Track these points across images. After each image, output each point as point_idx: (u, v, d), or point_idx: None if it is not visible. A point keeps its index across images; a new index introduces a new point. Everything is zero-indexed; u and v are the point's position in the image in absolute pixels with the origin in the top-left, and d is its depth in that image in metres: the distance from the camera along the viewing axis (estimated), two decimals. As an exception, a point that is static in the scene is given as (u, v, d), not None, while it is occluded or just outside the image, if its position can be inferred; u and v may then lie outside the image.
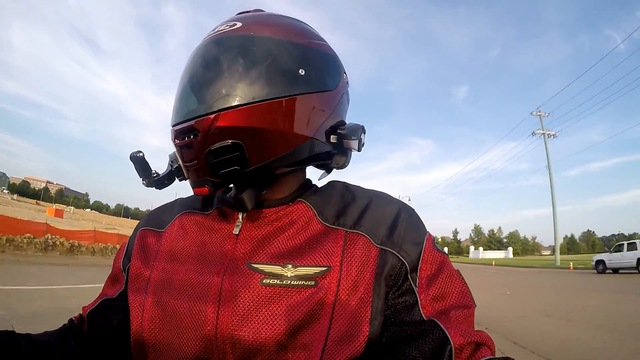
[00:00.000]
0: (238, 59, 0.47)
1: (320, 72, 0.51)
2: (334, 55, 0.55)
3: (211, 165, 0.45)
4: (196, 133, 0.45)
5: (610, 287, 10.95)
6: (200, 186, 0.48)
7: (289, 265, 0.46)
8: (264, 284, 0.45)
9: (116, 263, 0.59)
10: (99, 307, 0.56)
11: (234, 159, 0.45)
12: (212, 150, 0.44)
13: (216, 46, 0.49)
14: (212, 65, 0.47)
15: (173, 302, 0.47)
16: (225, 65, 0.47)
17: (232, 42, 0.48)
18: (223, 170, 0.45)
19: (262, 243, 0.49)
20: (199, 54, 0.50)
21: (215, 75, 0.46)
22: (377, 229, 0.48)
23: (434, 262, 0.48)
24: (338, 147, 0.55)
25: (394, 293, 0.46)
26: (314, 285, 0.44)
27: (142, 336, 0.49)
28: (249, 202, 0.48)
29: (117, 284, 0.57)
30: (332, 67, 0.54)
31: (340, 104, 0.55)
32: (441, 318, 0.44)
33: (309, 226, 0.50)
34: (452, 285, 0.47)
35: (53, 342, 0.50)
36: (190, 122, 0.45)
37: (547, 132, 28.63)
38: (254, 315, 0.43)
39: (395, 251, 0.47)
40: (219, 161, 0.45)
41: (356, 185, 0.56)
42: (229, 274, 0.46)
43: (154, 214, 0.62)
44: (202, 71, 0.48)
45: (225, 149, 0.44)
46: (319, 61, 0.52)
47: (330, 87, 0.52)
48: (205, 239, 0.52)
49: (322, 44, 0.54)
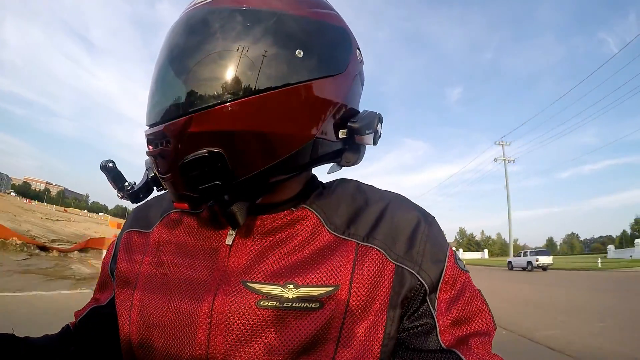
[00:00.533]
0: (214, 42, 0.37)
1: (324, 52, 0.41)
2: (342, 27, 0.45)
3: (187, 179, 0.37)
4: (168, 140, 0.37)
5: (504, 276, 17.73)
6: (179, 200, 0.41)
7: (290, 285, 0.39)
8: (261, 307, 0.39)
9: (104, 267, 0.55)
10: (90, 314, 0.54)
11: (214, 172, 0.36)
12: (186, 163, 0.36)
13: (187, 27, 0.39)
14: (182, 53, 0.38)
15: (161, 318, 0.43)
16: (198, 51, 0.37)
17: (207, 21, 0.38)
18: (202, 186, 0.37)
19: (260, 258, 0.42)
20: (169, 35, 0.41)
21: (187, 65, 0.37)
22: (394, 242, 0.42)
23: (456, 283, 0.43)
24: (349, 143, 0.46)
25: (410, 316, 0.42)
26: (318, 307, 0.39)
27: (131, 350, 0.45)
28: (241, 216, 0.40)
29: (106, 289, 0.54)
30: (340, 44, 0.43)
31: (352, 90, 0.45)
32: (461, 348, 0.40)
33: (316, 238, 0.43)
34: (473, 309, 0.43)
35: (52, 345, 0.49)
36: (160, 127, 0.37)
37: (507, 159, 37.21)
38: (250, 340, 0.38)
39: (415, 271, 0.41)
40: (195, 175, 0.37)
41: (370, 186, 0.49)
42: (222, 293, 0.40)
43: (141, 211, 0.55)
44: (172, 61, 0.39)
45: (202, 160, 0.36)
46: (323, 37, 0.41)
47: (338, 70, 0.42)
48: (194, 245, 0.46)
49: (327, 13, 0.43)
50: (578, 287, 11.49)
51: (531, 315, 6.22)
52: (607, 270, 20.50)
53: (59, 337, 0.53)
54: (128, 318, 0.46)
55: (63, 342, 0.52)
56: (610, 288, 10.79)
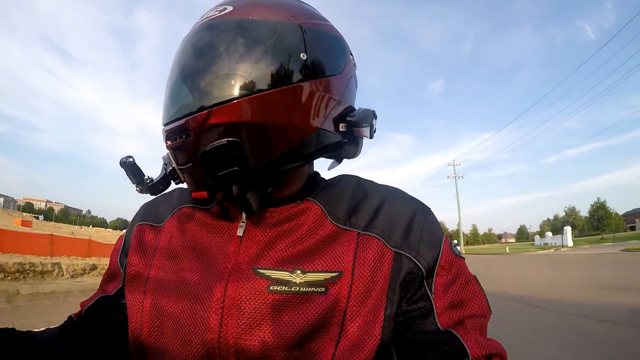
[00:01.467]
0: (230, 46, 0.42)
1: (324, 56, 0.46)
2: (338, 36, 0.51)
3: (207, 167, 0.42)
4: (188, 133, 0.41)
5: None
6: (198, 189, 0.44)
7: (297, 271, 0.43)
8: (271, 291, 0.42)
9: (113, 258, 0.56)
10: (97, 304, 0.54)
11: (232, 159, 0.41)
12: (207, 152, 0.40)
13: (205, 34, 0.44)
14: (202, 56, 0.43)
15: (173, 306, 0.45)
16: (217, 54, 0.42)
17: (223, 29, 0.44)
18: (221, 173, 0.41)
19: (269, 246, 0.46)
20: (187, 43, 0.46)
21: (206, 66, 0.42)
22: (392, 231, 0.46)
23: (451, 268, 0.46)
24: (348, 136, 0.51)
25: (409, 300, 0.44)
26: (324, 291, 0.42)
27: (141, 339, 0.47)
28: (254, 202, 0.45)
29: (114, 280, 0.55)
30: (337, 49, 0.49)
31: (347, 88, 0.51)
32: (457, 328, 0.42)
33: (320, 228, 0.46)
34: (468, 292, 0.45)
35: (53, 339, 0.49)
36: (181, 121, 0.42)
37: (458, 175, 45.44)
38: (260, 323, 0.41)
39: (412, 256, 0.44)
40: (215, 163, 0.41)
41: (369, 181, 0.53)
42: (233, 280, 0.43)
43: (151, 206, 0.58)
44: (191, 63, 0.44)
45: (222, 149, 0.40)
46: (322, 43, 0.47)
47: (336, 71, 0.48)
48: (206, 239, 0.49)
49: (325, 23, 0.50)
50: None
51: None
52: (511, 255, 29.54)
53: (60, 330, 0.53)
54: (140, 307, 0.48)
55: (65, 334, 0.52)
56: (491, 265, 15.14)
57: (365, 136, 0.51)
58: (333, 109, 0.48)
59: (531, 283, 10.00)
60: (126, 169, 0.48)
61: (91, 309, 0.54)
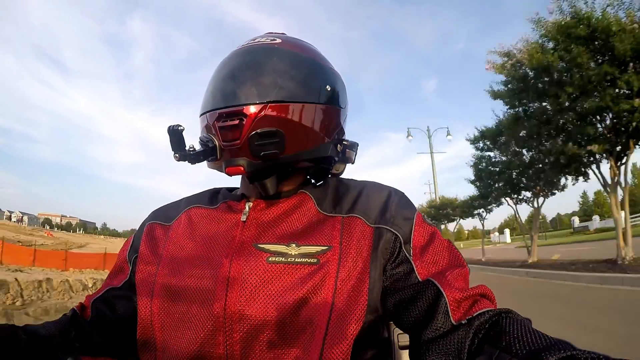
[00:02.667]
0: (286, 65, 0.54)
1: (338, 91, 0.60)
2: (343, 82, 0.64)
3: (254, 146, 0.50)
4: (242, 117, 0.50)
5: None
6: (235, 165, 0.51)
7: (292, 245, 0.49)
8: (270, 262, 0.48)
9: (121, 254, 0.61)
10: (104, 296, 0.57)
11: (274, 144, 0.50)
12: (259, 133, 0.49)
13: (266, 52, 0.56)
14: (263, 66, 0.54)
15: (182, 284, 0.50)
16: (276, 68, 0.54)
17: (279, 53, 0.56)
18: (264, 152, 0.50)
19: (268, 227, 0.53)
20: (248, 54, 0.56)
21: (266, 73, 0.53)
22: (370, 212, 0.53)
23: (426, 234, 0.52)
24: (341, 156, 0.61)
25: (391, 264, 0.50)
26: (316, 262, 0.48)
27: (150, 318, 0.50)
28: (271, 187, 0.55)
29: (121, 274, 0.59)
30: (344, 90, 0.63)
31: (345, 121, 0.63)
32: (436, 277, 0.47)
33: (309, 213, 0.54)
34: (444, 251, 0.51)
35: (53, 333, 0.50)
36: (240, 107, 0.50)
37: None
38: (261, 291, 0.46)
39: (389, 226, 0.52)
40: (262, 143, 0.49)
41: (349, 178, 0.63)
42: (237, 256, 0.49)
43: (160, 210, 0.64)
44: (253, 68, 0.54)
45: (269, 133, 0.49)
46: (337, 83, 0.60)
47: (343, 105, 0.61)
48: (213, 228, 0.56)
49: (337, 71, 0.63)
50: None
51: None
52: (463, 249, 34.24)
53: (61, 323, 0.54)
54: (151, 289, 0.52)
55: (65, 327, 0.53)
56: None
57: (350, 159, 0.63)
58: (337, 131, 0.60)
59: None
60: (173, 135, 0.51)
61: (98, 301, 0.57)
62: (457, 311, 0.44)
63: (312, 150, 0.55)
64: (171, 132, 0.51)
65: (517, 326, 0.39)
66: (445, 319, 0.43)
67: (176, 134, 0.51)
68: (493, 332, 0.40)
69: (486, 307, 0.43)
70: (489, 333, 0.41)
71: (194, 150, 0.52)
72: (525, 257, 12.73)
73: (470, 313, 0.43)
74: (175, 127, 0.51)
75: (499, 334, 0.39)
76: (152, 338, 0.50)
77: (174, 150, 0.52)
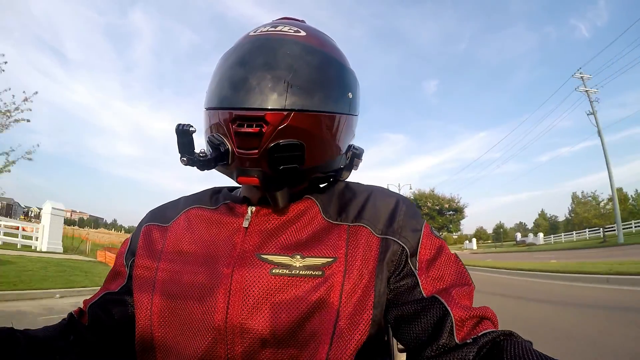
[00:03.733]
0: (314, 67, 0.49)
1: (357, 98, 0.56)
2: (358, 83, 0.59)
3: (273, 158, 0.45)
4: (263, 124, 0.45)
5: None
6: (250, 176, 0.48)
7: (297, 256, 0.47)
8: (274, 274, 0.45)
9: (119, 259, 0.59)
10: (101, 301, 0.55)
11: (295, 158, 0.46)
12: (280, 145, 0.45)
13: (295, 48, 0.49)
14: (291, 64, 0.48)
15: (182, 294, 0.48)
16: (303, 68, 0.48)
17: (308, 51, 0.50)
18: (284, 166, 0.46)
19: (271, 235, 0.50)
20: (272, 46, 0.49)
21: (294, 76, 0.47)
22: (377, 221, 0.51)
23: (433, 247, 0.50)
24: (348, 163, 0.58)
25: (396, 277, 0.48)
26: (321, 275, 0.46)
27: (150, 329, 0.49)
28: (282, 200, 0.50)
29: (118, 278, 0.57)
30: (359, 94, 0.58)
31: (356, 126, 0.60)
32: (442, 294, 0.46)
33: (314, 221, 0.52)
34: (450, 267, 0.49)
35: (52, 337, 0.49)
36: (262, 113, 0.45)
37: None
38: (264, 304, 0.44)
39: (396, 238, 0.49)
40: (282, 156, 0.45)
41: (356, 182, 0.60)
42: (239, 266, 0.47)
43: (158, 210, 0.62)
44: (280, 67, 0.47)
45: (292, 146, 0.45)
46: (357, 88, 0.57)
47: (358, 112, 0.57)
48: (213, 233, 0.53)
49: (353, 70, 0.58)
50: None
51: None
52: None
53: (59, 328, 0.53)
54: (149, 298, 0.50)
55: (63, 332, 0.52)
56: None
57: (357, 166, 0.60)
58: (350, 140, 0.58)
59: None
60: (182, 137, 0.47)
61: (94, 306, 0.55)
62: (461, 330, 0.43)
63: (329, 163, 0.53)
64: (180, 133, 0.47)
65: (518, 348, 0.38)
66: (449, 337, 0.43)
67: (186, 135, 0.47)
68: (494, 353, 0.40)
69: (489, 328, 0.43)
70: (491, 353, 0.40)
71: (205, 155, 0.48)
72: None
73: (474, 333, 0.43)
74: (185, 127, 0.47)
75: (500, 354, 0.39)
76: (151, 347, 0.49)
77: (181, 152, 0.48)
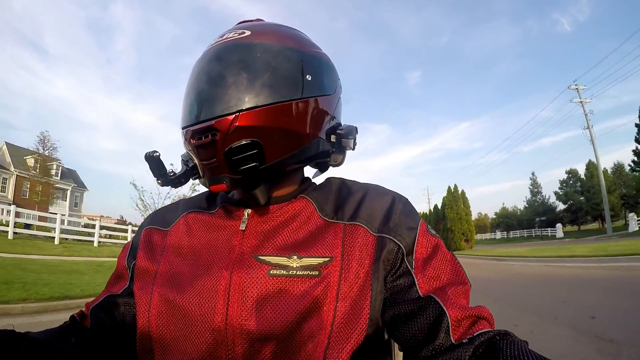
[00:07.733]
0: (255, 64, 0.49)
1: (322, 78, 0.55)
2: (331, 63, 0.59)
3: (231, 162, 0.47)
4: (215, 132, 0.47)
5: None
6: (217, 183, 0.49)
7: (294, 257, 0.47)
8: (271, 275, 0.46)
9: (120, 261, 0.60)
10: (103, 304, 0.56)
11: (253, 156, 0.47)
12: (234, 148, 0.46)
13: (232, 51, 0.51)
14: (230, 69, 0.49)
15: (181, 296, 0.48)
16: (243, 69, 0.49)
17: (247, 49, 0.50)
18: (243, 167, 0.47)
19: (268, 237, 0.51)
20: (213, 58, 0.51)
21: (234, 78, 0.48)
22: (373, 219, 0.51)
23: (429, 245, 0.51)
24: (337, 146, 0.58)
25: (392, 276, 0.49)
26: (317, 275, 0.46)
27: (148, 331, 0.49)
28: (262, 197, 0.51)
29: (121, 281, 0.58)
30: (330, 73, 0.58)
31: (337, 106, 0.59)
32: (438, 293, 0.46)
33: (310, 221, 0.52)
34: (446, 266, 0.50)
35: (53, 340, 0.49)
36: (210, 122, 0.47)
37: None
38: (263, 305, 0.45)
39: (392, 236, 0.50)
40: (239, 158, 0.47)
41: (352, 180, 0.60)
42: (238, 267, 0.48)
43: (158, 214, 0.63)
44: (220, 75, 0.49)
45: (245, 146, 0.46)
46: (321, 68, 0.55)
47: (330, 91, 0.56)
48: (212, 236, 0.54)
49: (322, 52, 0.58)
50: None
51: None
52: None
53: (60, 330, 0.53)
54: (148, 299, 0.51)
55: (64, 334, 0.52)
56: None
57: (349, 147, 0.58)
58: (328, 122, 0.56)
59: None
60: (151, 162, 0.51)
61: (97, 308, 0.55)
62: (457, 330, 0.43)
63: (299, 152, 0.52)
64: (148, 159, 0.50)
65: (514, 348, 0.38)
66: (445, 337, 0.43)
67: (153, 161, 0.50)
68: (490, 353, 0.40)
69: (485, 328, 0.43)
70: (486, 353, 0.40)
71: (174, 174, 0.52)
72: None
73: (470, 333, 0.43)
74: (151, 154, 0.50)
75: (496, 354, 0.39)
76: (151, 350, 0.49)
77: (154, 176, 0.51)
